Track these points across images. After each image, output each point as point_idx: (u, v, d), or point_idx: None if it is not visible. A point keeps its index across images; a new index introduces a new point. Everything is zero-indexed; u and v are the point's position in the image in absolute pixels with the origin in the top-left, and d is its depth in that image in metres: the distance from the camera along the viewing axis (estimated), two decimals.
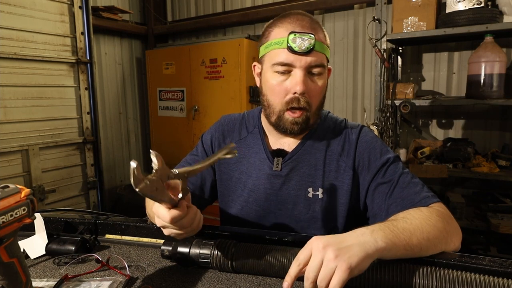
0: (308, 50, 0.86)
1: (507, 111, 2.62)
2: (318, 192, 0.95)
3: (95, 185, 3.02)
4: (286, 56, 0.88)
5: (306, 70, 0.89)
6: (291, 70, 0.89)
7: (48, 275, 0.80)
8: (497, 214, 2.33)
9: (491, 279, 0.63)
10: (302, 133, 0.97)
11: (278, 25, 0.92)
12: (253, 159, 1.02)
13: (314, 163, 0.97)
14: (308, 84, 0.89)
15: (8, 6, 2.38)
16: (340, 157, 0.96)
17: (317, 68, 0.90)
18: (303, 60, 0.87)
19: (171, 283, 0.75)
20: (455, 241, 0.79)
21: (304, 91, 0.88)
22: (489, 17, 2.20)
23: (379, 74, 2.56)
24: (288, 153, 0.99)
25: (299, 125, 0.92)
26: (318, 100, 0.93)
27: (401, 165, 0.94)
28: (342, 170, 0.95)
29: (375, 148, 0.95)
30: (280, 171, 0.98)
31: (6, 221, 0.56)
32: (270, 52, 0.92)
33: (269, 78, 0.92)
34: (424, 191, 0.87)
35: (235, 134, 1.07)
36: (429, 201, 0.85)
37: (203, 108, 3.49)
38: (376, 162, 0.93)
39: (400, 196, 0.87)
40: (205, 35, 3.99)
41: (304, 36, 0.86)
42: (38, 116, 2.61)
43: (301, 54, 0.87)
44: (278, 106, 0.92)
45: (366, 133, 0.99)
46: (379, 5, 2.52)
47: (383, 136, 2.57)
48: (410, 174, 0.92)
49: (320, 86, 0.92)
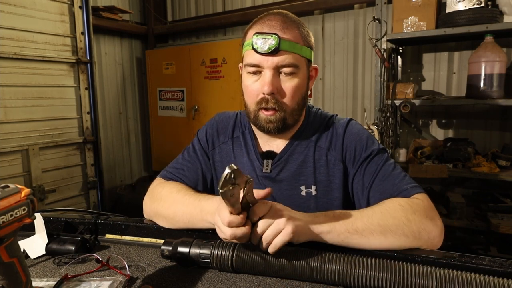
0: (270, 50, 0.85)
1: (507, 111, 2.62)
2: (311, 189, 0.96)
3: (95, 185, 3.02)
4: (254, 57, 0.88)
5: (275, 70, 0.88)
6: (261, 71, 0.89)
7: (48, 275, 0.80)
8: (497, 214, 2.33)
9: (491, 279, 0.63)
10: (282, 132, 0.96)
11: (252, 27, 0.93)
12: (245, 159, 1.03)
13: (303, 161, 0.97)
14: (277, 84, 0.89)
15: (8, 6, 2.39)
16: (328, 151, 0.97)
17: (287, 68, 0.88)
18: (270, 61, 0.87)
19: (171, 283, 0.75)
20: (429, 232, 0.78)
21: (272, 91, 0.88)
22: (489, 17, 2.20)
23: (379, 74, 2.56)
24: (277, 155, 0.99)
25: (273, 123, 0.92)
26: (293, 100, 0.91)
27: (385, 157, 0.94)
28: (331, 164, 0.96)
29: (361, 140, 0.96)
30: (270, 172, 0.98)
31: (6, 221, 0.56)
32: (244, 53, 0.93)
33: (244, 79, 0.94)
34: (404, 183, 0.88)
35: (229, 132, 1.08)
36: (408, 193, 0.85)
37: (203, 108, 3.49)
38: (361, 154, 0.94)
39: (379, 190, 0.88)
40: (205, 35, 3.99)
41: (266, 36, 0.85)
42: (38, 116, 2.62)
43: (267, 54, 0.86)
44: (252, 106, 0.93)
45: (353, 126, 0.99)
46: (379, 5, 2.53)
47: (383, 136, 2.57)
48: (392, 165, 0.92)
49: (293, 86, 0.90)
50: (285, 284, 0.74)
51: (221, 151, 1.06)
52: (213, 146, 1.07)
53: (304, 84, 0.94)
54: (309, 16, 3.30)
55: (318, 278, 0.72)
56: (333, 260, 0.71)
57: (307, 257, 0.72)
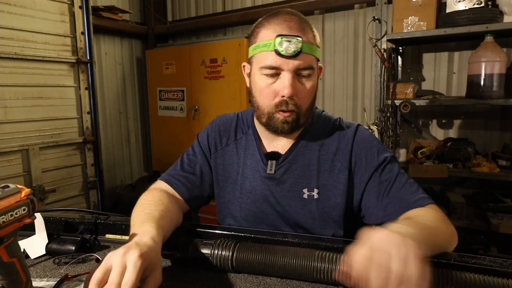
0: (295, 53, 0.85)
1: (507, 111, 2.62)
2: (313, 192, 0.95)
3: (95, 185, 3.02)
4: (274, 59, 0.86)
5: (295, 72, 0.87)
6: (279, 73, 0.88)
7: (48, 275, 0.80)
8: (497, 214, 2.33)
9: (491, 279, 0.63)
10: (293, 132, 0.96)
11: (266, 26, 0.90)
12: (248, 160, 1.02)
13: (308, 164, 0.96)
14: (296, 86, 0.88)
15: (9, 6, 2.38)
16: (335, 156, 0.96)
17: (306, 71, 0.89)
18: (291, 64, 0.86)
19: (171, 283, 0.75)
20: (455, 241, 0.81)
21: (293, 94, 0.88)
22: (489, 17, 2.20)
23: (379, 74, 2.56)
24: (282, 156, 0.98)
25: (289, 124, 0.91)
26: (308, 101, 0.92)
27: (398, 165, 0.94)
28: (337, 169, 0.95)
29: (372, 147, 0.95)
30: (274, 173, 0.97)
31: (6, 220, 0.56)
32: (258, 54, 0.90)
33: (258, 80, 0.91)
34: (420, 193, 0.88)
35: (231, 135, 1.07)
36: (424, 202, 0.86)
37: (203, 108, 3.49)
38: (373, 161, 0.93)
39: (397, 196, 0.88)
40: (205, 35, 3.99)
41: (291, 39, 0.84)
42: (38, 116, 2.61)
43: (289, 57, 0.85)
44: (267, 108, 0.92)
45: (362, 132, 0.98)
46: (379, 5, 2.52)
47: (383, 136, 2.57)
48: (406, 175, 0.93)
49: (309, 88, 0.91)
50: (285, 284, 0.74)
51: (224, 154, 1.05)
52: (215, 149, 1.06)
53: (316, 84, 0.95)
54: (309, 16, 3.30)
55: (318, 278, 0.72)
56: (333, 260, 0.71)
57: (307, 257, 0.72)
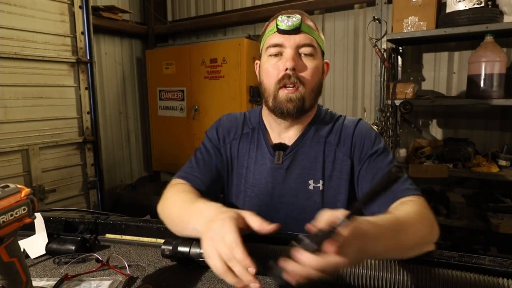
0: (295, 27, 0.92)
1: (507, 111, 2.62)
2: (318, 184, 0.98)
3: (95, 185, 3.02)
4: (277, 38, 0.95)
5: (296, 49, 0.94)
6: (282, 52, 0.95)
7: (48, 275, 0.80)
8: (497, 214, 2.33)
9: (491, 279, 0.63)
10: (298, 116, 0.98)
11: (272, 20, 1.00)
12: (254, 153, 1.04)
13: (314, 155, 1.00)
14: (298, 62, 0.94)
15: (8, 6, 2.38)
16: (337, 147, 1.00)
17: (307, 48, 0.95)
18: (292, 40, 0.94)
19: (171, 283, 0.75)
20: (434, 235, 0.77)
21: (294, 67, 0.92)
22: (489, 17, 2.20)
23: (379, 74, 2.56)
24: (289, 147, 1.01)
25: (293, 102, 0.94)
26: (312, 80, 0.96)
27: (391, 157, 0.97)
28: (340, 160, 0.99)
29: (370, 138, 0.99)
30: (281, 164, 1.00)
31: (6, 220, 0.56)
32: (265, 40, 0.99)
33: (264, 63, 0.99)
34: (408, 183, 0.89)
35: (238, 129, 1.10)
36: (410, 192, 0.86)
37: (203, 108, 3.49)
38: (369, 149, 0.97)
39: None
40: (205, 35, 3.99)
41: (290, 15, 0.94)
42: (38, 116, 2.61)
43: (289, 33, 0.93)
44: (272, 86, 0.96)
45: (363, 125, 1.04)
46: (379, 5, 2.52)
47: (383, 136, 2.57)
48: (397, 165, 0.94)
49: (312, 67, 0.95)
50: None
51: (231, 147, 1.08)
52: (223, 142, 1.09)
53: (320, 71, 1.00)
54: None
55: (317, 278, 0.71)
56: None
57: None
